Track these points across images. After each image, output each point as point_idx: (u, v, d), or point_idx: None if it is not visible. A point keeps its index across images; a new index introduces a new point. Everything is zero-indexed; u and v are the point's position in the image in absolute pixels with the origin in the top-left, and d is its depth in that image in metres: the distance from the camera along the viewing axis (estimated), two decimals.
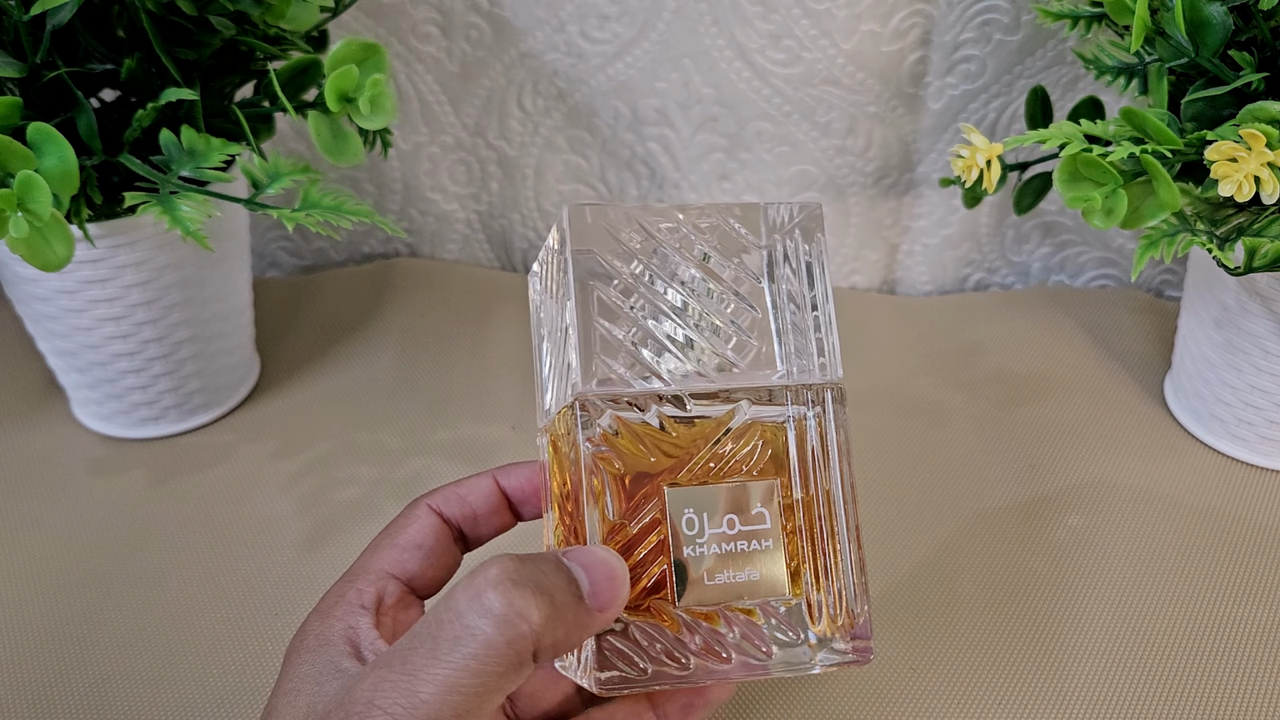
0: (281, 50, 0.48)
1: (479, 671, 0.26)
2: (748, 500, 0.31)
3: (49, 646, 0.43)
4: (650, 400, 0.32)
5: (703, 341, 0.32)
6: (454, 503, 0.35)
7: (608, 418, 0.31)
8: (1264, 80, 0.41)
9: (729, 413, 0.32)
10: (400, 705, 0.26)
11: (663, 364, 0.32)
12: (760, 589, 0.31)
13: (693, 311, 0.32)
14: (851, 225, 0.63)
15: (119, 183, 0.46)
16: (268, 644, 0.42)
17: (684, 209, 0.33)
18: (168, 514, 0.49)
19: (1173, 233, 0.41)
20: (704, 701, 0.33)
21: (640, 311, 0.32)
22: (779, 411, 0.32)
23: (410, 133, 0.64)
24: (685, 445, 0.31)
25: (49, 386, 0.56)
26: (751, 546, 0.31)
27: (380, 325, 0.61)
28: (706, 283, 0.33)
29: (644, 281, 0.32)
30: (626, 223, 0.33)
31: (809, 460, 0.32)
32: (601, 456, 0.31)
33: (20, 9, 0.41)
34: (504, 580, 0.27)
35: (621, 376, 0.32)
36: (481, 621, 0.27)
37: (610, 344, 0.32)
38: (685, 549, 0.31)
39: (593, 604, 0.28)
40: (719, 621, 0.31)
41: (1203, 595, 0.43)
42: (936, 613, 0.43)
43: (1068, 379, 0.56)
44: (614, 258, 0.32)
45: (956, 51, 0.56)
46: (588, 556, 0.29)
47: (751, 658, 0.31)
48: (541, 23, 0.58)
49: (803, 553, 0.31)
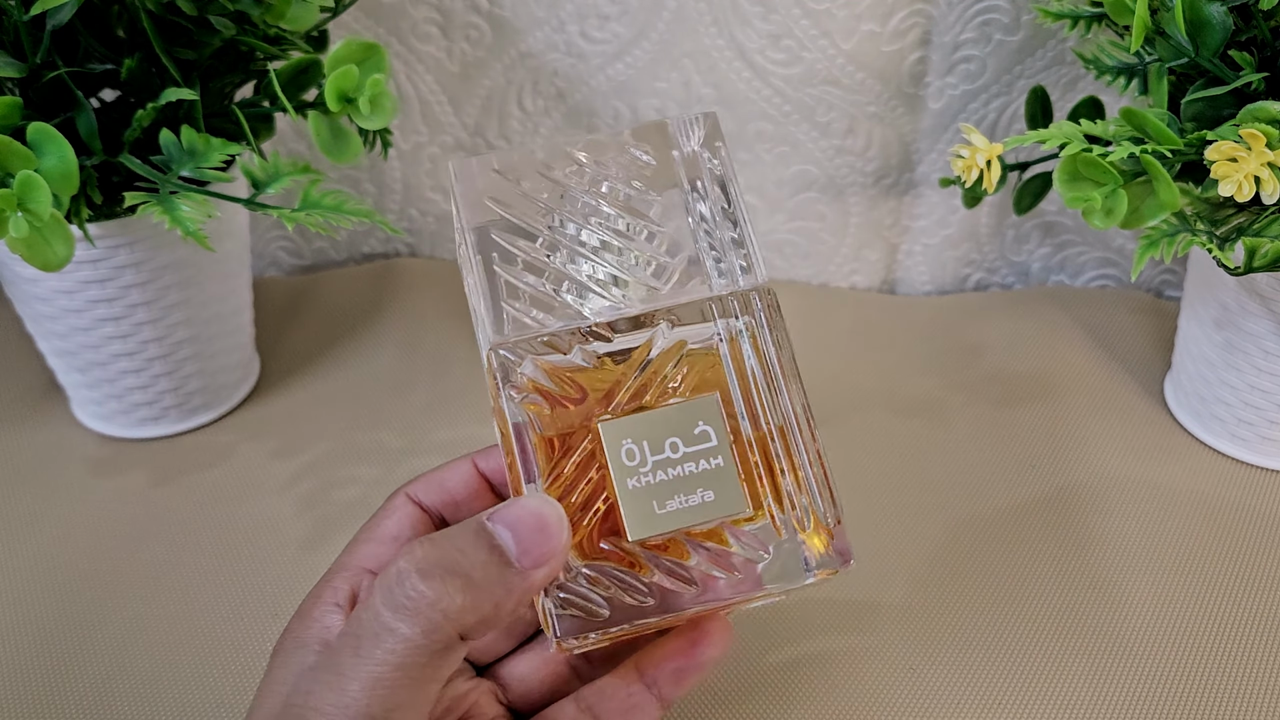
0: (281, 50, 0.48)
1: (401, 665, 0.26)
2: (689, 421, 0.30)
3: (49, 646, 0.43)
4: (572, 340, 0.31)
5: (626, 275, 0.31)
6: (434, 490, 0.34)
7: (529, 365, 0.30)
8: (1264, 80, 0.41)
9: (650, 339, 0.31)
10: (332, 704, 0.26)
11: (587, 305, 0.31)
12: (716, 509, 0.29)
13: (610, 248, 0.32)
14: (851, 225, 0.63)
15: (119, 183, 0.46)
16: (267, 644, 0.42)
17: (586, 146, 0.32)
18: (167, 514, 0.49)
19: (1173, 233, 0.41)
20: (695, 664, 0.33)
21: (554, 255, 0.31)
22: (706, 329, 0.31)
23: (410, 133, 0.64)
24: (610, 379, 0.30)
25: (49, 386, 0.56)
26: (700, 467, 0.30)
27: (380, 325, 0.61)
28: (621, 217, 0.32)
29: (553, 226, 0.31)
30: (528, 170, 0.32)
31: (749, 376, 0.31)
32: (528, 404, 0.30)
33: (20, 9, 0.41)
34: (413, 572, 0.27)
35: (538, 321, 0.31)
36: (396, 617, 0.26)
37: (520, 290, 0.31)
38: (629, 480, 0.29)
39: (524, 563, 0.27)
40: (686, 552, 0.30)
41: (1203, 595, 0.43)
42: (936, 613, 0.43)
43: (1068, 379, 0.56)
44: (517, 206, 0.31)
45: (956, 51, 0.56)
46: (514, 512, 0.28)
47: (727, 580, 0.29)
48: (541, 23, 0.58)
49: (756, 469, 0.30)
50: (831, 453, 0.32)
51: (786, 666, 0.41)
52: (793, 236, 0.63)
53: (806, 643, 0.42)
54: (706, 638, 0.33)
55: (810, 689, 0.40)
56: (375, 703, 0.26)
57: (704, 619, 0.33)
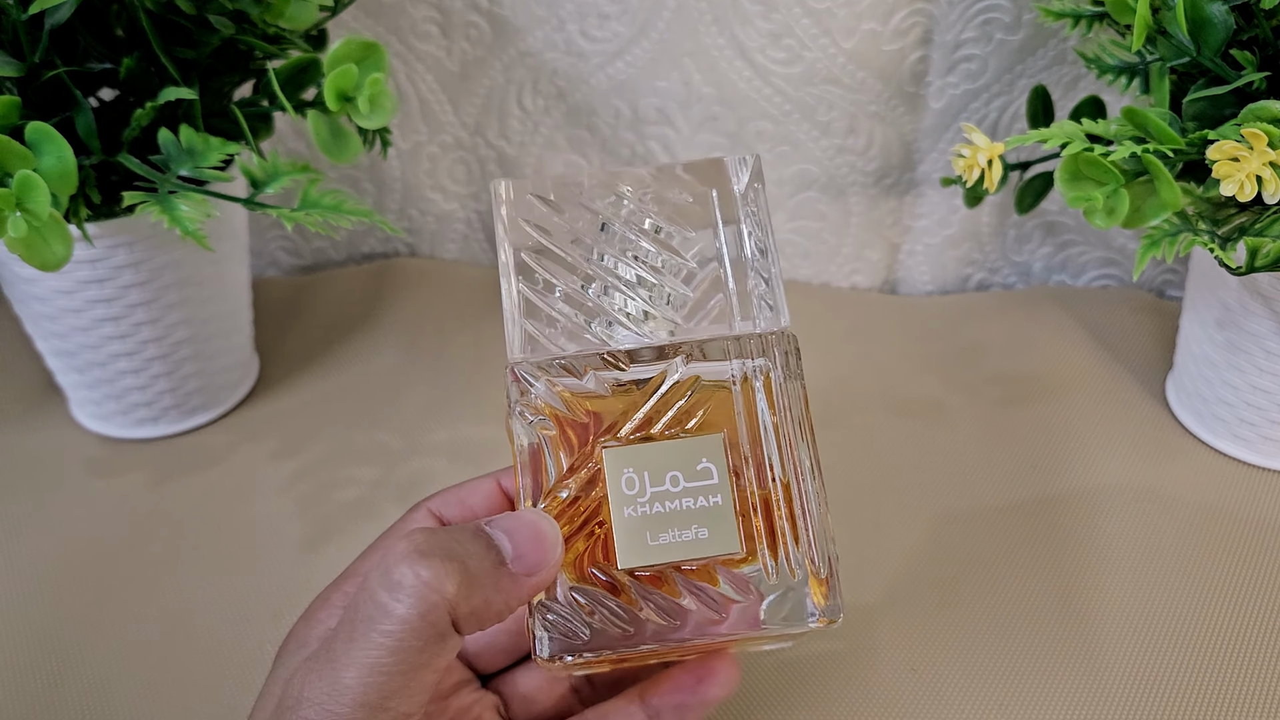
0: (280, 49, 0.48)
1: (396, 649, 0.26)
2: (692, 456, 0.30)
3: (48, 646, 0.43)
4: (588, 366, 0.31)
5: (654, 310, 0.32)
6: (454, 505, 0.34)
7: (543, 386, 0.31)
8: (1265, 79, 0.41)
9: (664, 371, 0.31)
10: (325, 694, 0.26)
11: (613, 336, 0.31)
12: (708, 546, 0.29)
13: (644, 283, 0.32)
14: (852, 225, 0.63)
15: (117, 182, 0.46)
16: (267, 644, 0.42)
17: (631, 179, 0.33)
18: (167, 514, 0.49)
19: (1174, 232, 0.41)
20: (698, 701, 0.33)
21: (588, 287, 0.32)
22: (724, 367, 0.31)
23: (410, 132, 0.64)
24: (622, 407, 0.31)
25: (47, 387, 0.56)
26: (699, 503, 0.30)
27: (380, 325, 0.61)
28: (658, 253, 0.32)
29: (590, 258, 0.32)
30: (570, 199, 0.32)
31: (758, 418, 0.31)
32: (539, 426, 0.30)
33: (19, 8, 0.40)
34: (411, 553, 0.27)
35: (557, 344, 0.31)
36: (392, 597, 0.26)
37: (544, 314, 0.31)
38: (625, 509, 0.30)
39: (518, 568, 0.28)
40: (676, 588, 0.30)
41: (1205, 595, 0.43)
42: (937, 613, 0.43)
43: (1069, 379, 0.55)
44: (556, 235, 0.32)
45: (957, 51, 0.56)
46: (512, 521, 0.29)
47: (715, 620, 0.29)
48: (541, 21, 0.58)
49: (755, 512, 0.30)
50: (832, 453, 0.32)
51: (786, 667, 0.41)
52: (793, 236, 0.63)
53: (806, 643, 0.42)
54: (712, 676, 0.33)
55: (810, 689, 0.40)
56: (370, 690, 0.26)
57: (712, 657, 0.33)
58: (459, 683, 0.34)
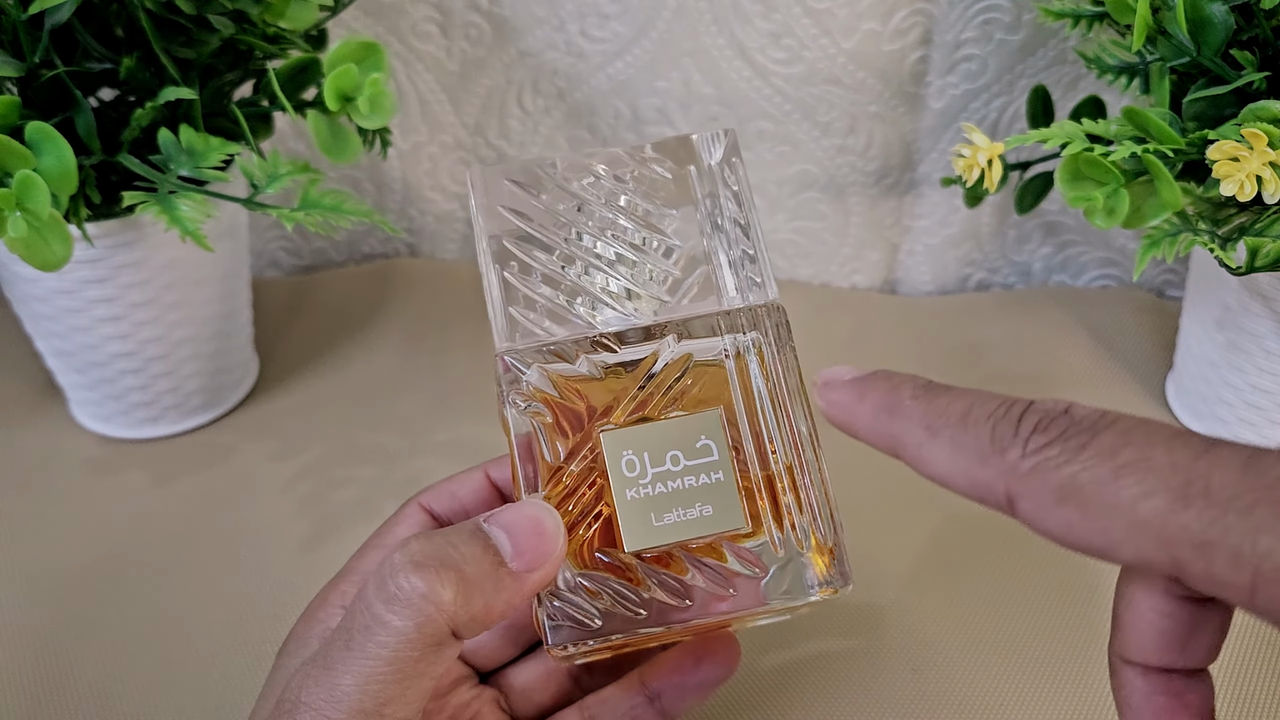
0: (280, 49, 0.48)
1: (393, 660, 0.26)
2: (691, 434, 0.30)
3: (48, 646, 0.43)
4: (579, 350, 0.31)
5: (639, 288, 0.32)
6: (445, 499, 0.34)
7: (535, 373, 0.31)
8: (1266, 79, 0.41)
9: (656, 351, 0.31)
10: (323, 699, 0.26)
11: (598, 317, 0.31)
12: (714, 523, 0.29)
13: (625, 261, 0.32)
14: (852, 225, 0.63)
15: (117, 182, 0.46)
16: (267, 645, 0.42)
17: (606, 158, 0.33)
18: (167, 514, 0.49)
19: (1174, 232, 0.41)
20: (698, 682, 0.32)
21: (569, 268, 0.31)
22: (715, 344, 0.31)
23: (410, 132, 0.64)
24: (616, 390, 0.30)
25: (48, 387, 0.56)
26: (701, 481, 0.29)
27: (380, 325, 0.61)
28: (637, 231, 0.32)
29: (569, 239, 0.32)
30: (546, 182, 0.32)
31: (754, 392, 0.31)
32: (533, 412, 0.30)
33: (18, 8, 0.40)
34: (406, 564, 0.27)
35: (546, 330, 0.31)
36: (388, 609, 0.26)
37: (531, 300, 0.31)
38: (628, 491, 0.29)
39: (518, 565, 0.27)
40: (683, 567, 0.29)
41: None
42: (937, 614, 0.43)
43: (1070, 379, 0.55)
44: (535, 218, 0.32)
45: (958, 50, 0.56)
46: (510, 515, 0.28)
47: (723, 596, 0.29)
48: (541, 21, 0.58)
49: (757, 486, 0.30)
50: (832, 453, 0.32)
51: (787, 667, 0.41)
52: (794, 236, 0.63)
53: (806, 644, 0.42)
54: (712, 656, 0.33)
55: (810, 689, 0.40)
56: (367, 697, 0.26)
57: (712, 637, 0.32)
58: (457, 680, 0.34)
